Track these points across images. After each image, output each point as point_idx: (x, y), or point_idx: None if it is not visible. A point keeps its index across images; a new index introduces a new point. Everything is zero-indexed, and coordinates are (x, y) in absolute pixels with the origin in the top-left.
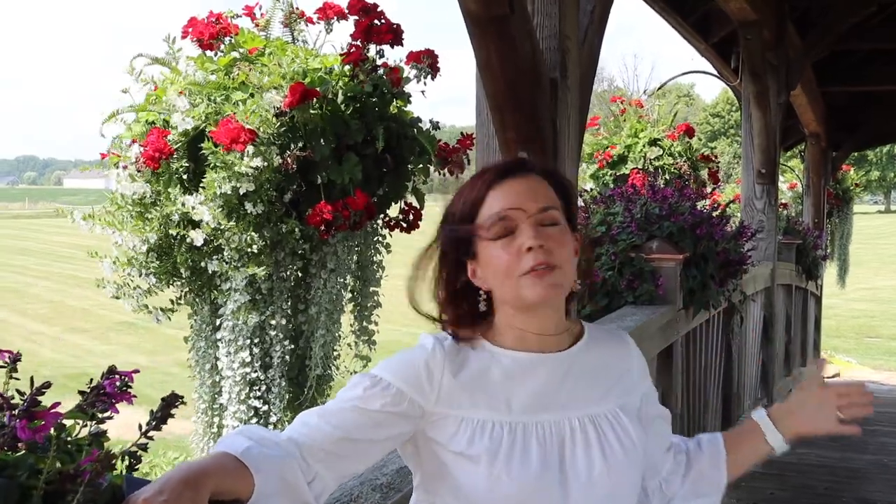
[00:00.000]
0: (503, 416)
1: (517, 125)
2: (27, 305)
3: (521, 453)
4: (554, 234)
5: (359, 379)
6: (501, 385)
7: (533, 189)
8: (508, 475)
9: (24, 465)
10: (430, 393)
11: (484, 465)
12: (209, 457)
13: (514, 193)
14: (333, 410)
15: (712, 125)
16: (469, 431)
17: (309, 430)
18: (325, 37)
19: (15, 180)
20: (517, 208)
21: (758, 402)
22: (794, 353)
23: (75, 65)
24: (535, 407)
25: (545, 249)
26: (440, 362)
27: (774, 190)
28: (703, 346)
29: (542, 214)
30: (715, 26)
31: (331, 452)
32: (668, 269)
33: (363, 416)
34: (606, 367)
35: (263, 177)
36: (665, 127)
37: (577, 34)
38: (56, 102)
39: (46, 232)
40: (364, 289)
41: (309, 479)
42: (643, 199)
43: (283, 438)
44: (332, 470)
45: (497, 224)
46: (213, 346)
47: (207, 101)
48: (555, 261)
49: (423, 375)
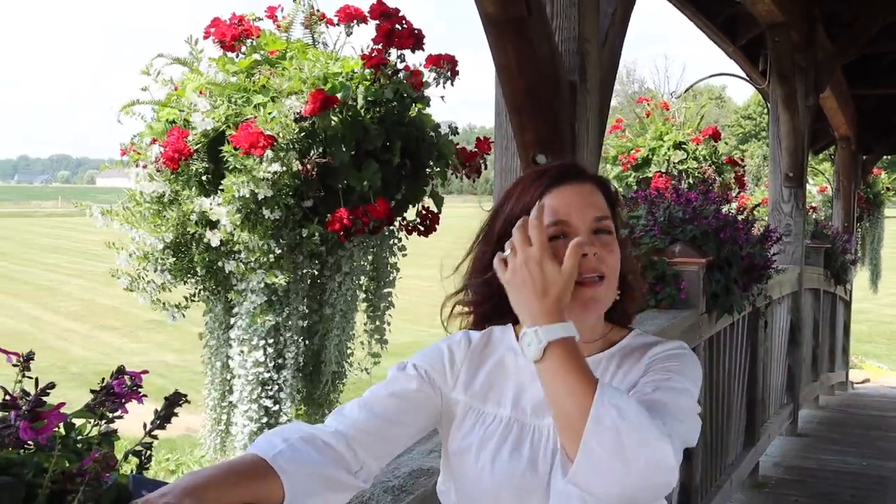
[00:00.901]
0: (505, 412)
1: (536, 128)
2: (60, 303)
3: (510, 450)
4: (608, 243)
5: (395, 366)
6: (514, 383)
7: (588, 196)
8: (492, 468)
9: (31, 464)
10: (451, 378)
11: (472, 455)
12: (227, 463)
13: (570, 199)
14: (373, 399)
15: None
16: (472, 420)
17: (351, 419)
18: (345, 39)
19: (48, 179)
20: (574, 214)
21: (784, 407)
22: (822, 357)
23: (75, 66)
24: (539, 410)
25: (598, 258)
26: (463, 351)
27: (802, 193)
28: (726, 351)
29: (598, 223)
30: (742, 28)
31: (375, 439)
32: (690, 273)
33: (401, 402)
34: (622, 376)
35: (281, 182)
36: (691, 130)
37: (596, 36)
38: (56, 102)
39: (79, 230)
40: (378, 290)
41: (356, 468)
42: (667, 202)
43: (328, 431)
44: (375, 455)
45: (552, 227)
46: (225, 344)
47: (228, 102)
48: (605, 269)
49: (446, 360)
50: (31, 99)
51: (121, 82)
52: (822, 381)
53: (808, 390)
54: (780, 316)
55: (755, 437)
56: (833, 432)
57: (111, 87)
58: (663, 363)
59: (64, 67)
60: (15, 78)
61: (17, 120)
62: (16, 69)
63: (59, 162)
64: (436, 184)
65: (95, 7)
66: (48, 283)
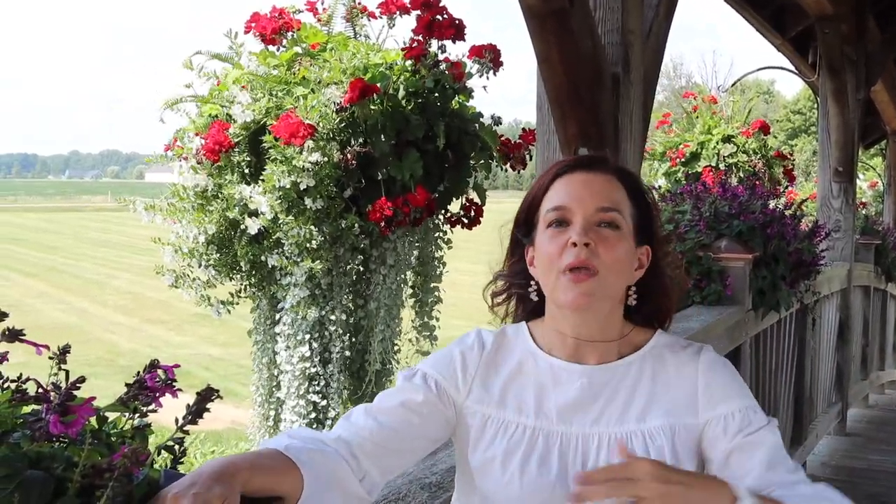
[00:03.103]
0: (528, 421)
1: (578, 121)
2: (108, 297)
3: (538, 461)
4: (608, 237)
5: (402, 374)
6: (535, 389)
7: (598, 186)
8: (520, 480)
9: (62, 458)
10: (463, 388)
11: (498, 466)
12: (250, 453)
13: (576, 186)
14: (379, 407)
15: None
16: (492, 430)
17: (356, 427)
18: (388, 32)
19: (99, 174)
20: (575, 201)
21: (832, 406)
22: (872, 356)
23: (75, 65)
24: (564, 417)
25: (590, 249)
26: (476, 358)
27: (852, 188)
28: (773, 349)
29: (601, 214)
30: (791, 20)
31: (379, 447)
32: (736, 269)
33: (408, 410)
34: (660, 384)
35: (323, 172)
36: (739, 123)
37: (641, 28)
38: (56, 102)
39: (128, 225)
40: (425, 284)
41: (359, 476)
42: (713, 196)
43: (331, 437)
44: (380, 466)
45: (552, 212)
46: (272, 339)
47: (269, 95)
48: (598, 264)
49: (458, 369)
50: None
51: (120, 82)
52: (872, 380)
53: (858, 389)
54: (828, 313)
55: (802, 435)
56: (882, 432)
57: (110, 86)
58: (738, 422)
59: (64, 67)
60: (15, 78)
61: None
62: (16, 69)
63: (109, 157)
64: (480, 176)
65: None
66: (97, 278)
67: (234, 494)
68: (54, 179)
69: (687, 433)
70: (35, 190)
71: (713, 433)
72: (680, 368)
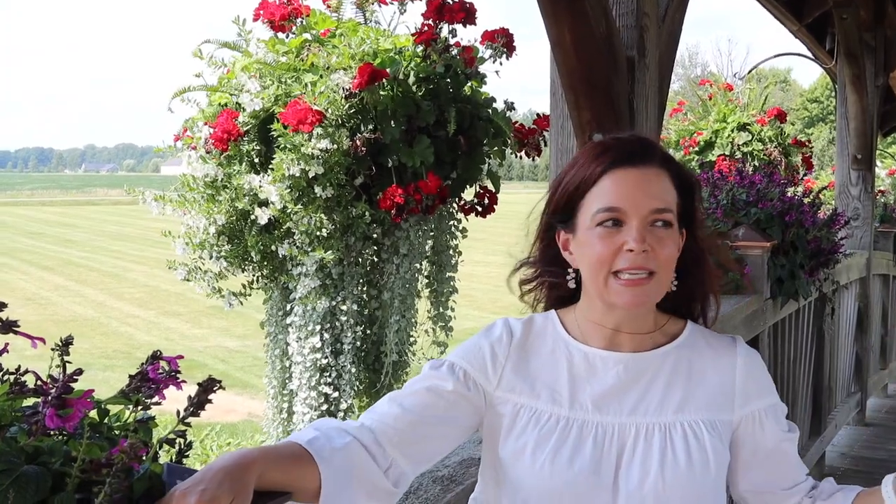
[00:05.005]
0: (562, 410)
1: (592, 105)
2: (124, 289)
3: (571, 450)
4: (662, 237)
5: (430, 363)
6: (569, 379)
7: (652, 186)
8: (552, 469)
9: (59, 452)
10: (493, 377)
11: (528, 455)
12: (266, 446)
13: (630, 188)
14: (405, 394)
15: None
16: (524, 419)
17: (380, 414)
18: (399, 17)
19: (115, 168)
20: (630, 204)
21: (851, 396)
22: (891, 345)
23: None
24: (600, 406)
25: (647, 255)
26: (506, 347)
27: (871, 176)
28: (791, 338)
29: (656, 215)
30: (808, 6)
31: (405, 435)
32: (754, 258)
33: (434, 398)
34: (697, 375)
35: (333, 160)
36: (755, 111)
37: (656, 11)
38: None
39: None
40: (440, 274)
41: (385, 466)
42: (730, 184)
43: (355, 426)
44: (407, 455)
45: (604, 213)
46: (284, 331)
47: (278, 82)
48: (654, 266)
49: (487, 358)
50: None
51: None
52: (891, 370)
53: (877, 378)
54: (847, 302)
55: (821, 426)
56: None
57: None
58: (771, 421)
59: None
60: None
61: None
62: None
63: (124, 151)
64: (494, 163)
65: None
66: (113, 270)
67: (245, 491)
68: (70, 173)
69: (723, 428)
70: (53, 183)
71: (744, 431)
72: (716, 360)
